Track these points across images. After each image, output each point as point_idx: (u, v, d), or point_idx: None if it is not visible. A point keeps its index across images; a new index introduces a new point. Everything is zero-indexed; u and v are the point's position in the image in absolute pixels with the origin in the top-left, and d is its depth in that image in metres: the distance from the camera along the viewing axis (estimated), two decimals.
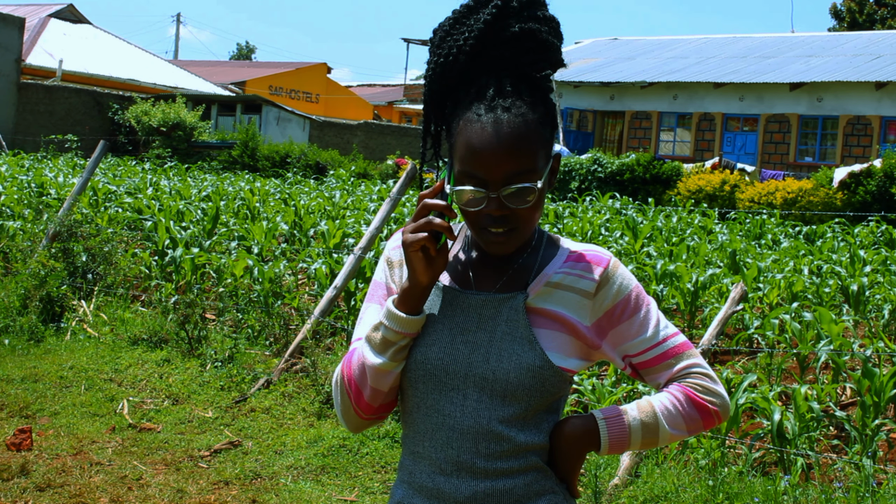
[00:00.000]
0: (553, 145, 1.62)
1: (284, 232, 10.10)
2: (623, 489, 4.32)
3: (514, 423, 1.57)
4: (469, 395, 1.58)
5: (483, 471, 1.57)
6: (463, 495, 1.57)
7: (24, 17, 25.82)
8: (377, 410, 1.66)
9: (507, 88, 1.56)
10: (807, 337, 5.99)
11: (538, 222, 1.63)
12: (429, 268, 1.56)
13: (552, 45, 1.61)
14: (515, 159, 1.52)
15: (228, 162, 22.48)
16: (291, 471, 4.67)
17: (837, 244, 10.91)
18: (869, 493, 4.13)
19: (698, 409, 1.61)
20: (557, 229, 11.17)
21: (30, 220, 9.36)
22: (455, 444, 1.58)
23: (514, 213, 1.55)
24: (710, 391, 1.62)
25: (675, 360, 1.62)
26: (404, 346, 1.60)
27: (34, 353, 6.46)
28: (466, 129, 1.55)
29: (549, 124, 1.59)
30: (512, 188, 1.52)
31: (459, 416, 1.58)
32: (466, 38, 1.57)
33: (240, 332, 6.85)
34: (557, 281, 1.61)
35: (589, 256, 1.63)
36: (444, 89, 1.61)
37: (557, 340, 1.59)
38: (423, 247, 1.54)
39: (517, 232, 1.57)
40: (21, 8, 31.00)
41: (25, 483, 4.31)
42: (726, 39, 31.08)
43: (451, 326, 1.61)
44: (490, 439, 1.57)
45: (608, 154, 20.25)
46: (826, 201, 16.04)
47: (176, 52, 60.37)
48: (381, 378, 1.61)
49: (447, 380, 1.59)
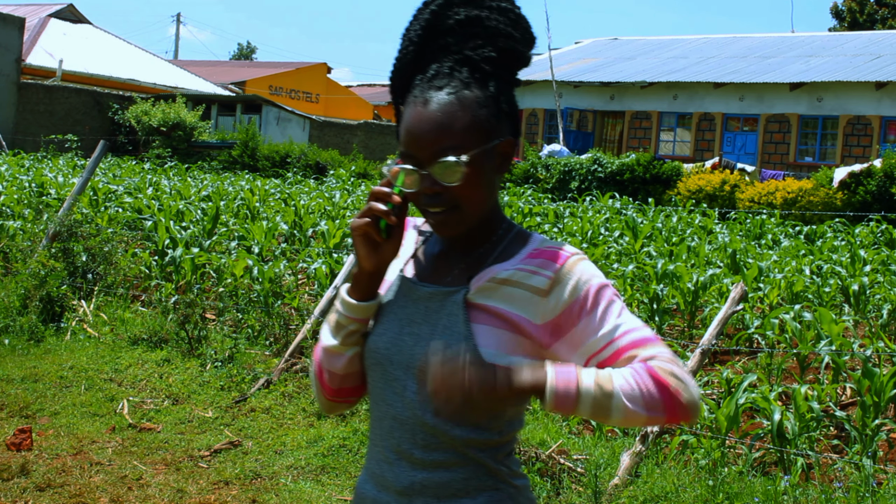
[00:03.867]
0: (498, 128, 1.58)
1: (284, 232, 10.10)
2: (623, 489, 4.32)
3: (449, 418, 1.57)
4: (409, 386, 1.59)
5: (420, 461, 1.58)
6: (402, 484, 1.59)
7: (24, 17, 25.83)
8: (339, 393, 1.70)
9: (444, 70, 1.58)
10: (807, 337, 5.99)
11: (488, 205, 1.59)
12: (372, 253, 1.58)
13: (502, 32, 1.61)
14: (441, 134, 1.53)
15: (228, 162, 22.48)
16: (291, 471, 4.67)
17: (838, 244, 10.91)
18: (869, 493, 4.13)
19: (659, 388, 1.46)
20: (558, 229, 11.17)
21: (30, 220, 9.36)
22: (396, 434, 1.60)
23: (449, 191, 1.54)
24: (675, 376, 1.48)
25: (637, 351, 1.51)
26: (355, 331, 1.63)
27: (34, 353, 6.46)
28: (405, 112, 1.59)
29: (490, 106, 1.57)
30: (437, 163, 1.53)
31: (400, 407, 1.60)
32: (416, 30, 1.62)
33: (240, 332, 6.85)
34: (505, 277, 1.57)
35: (548, 253, 1.57)
36: (403, 82, 1.64)
37: (497, 338, 1.55)
38: (366, 232, 1.56)
39: (459, 212, 1.56)
40: (21, 8, 31.00)
41: (25, 483, 4.31)
42: (726, 39, 31.08)
43: (401, 317, 1.62)
44: (426, 431, 1.57)
45: (608, 154, 20.25)
46: (826, 201, 16.03)
47: (176, 52, 60.41)
48: (333, 360, 1.66)
49: (391, 370, 1.61)
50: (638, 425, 1.60)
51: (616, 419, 1.48)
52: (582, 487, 4.41)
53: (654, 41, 32.53)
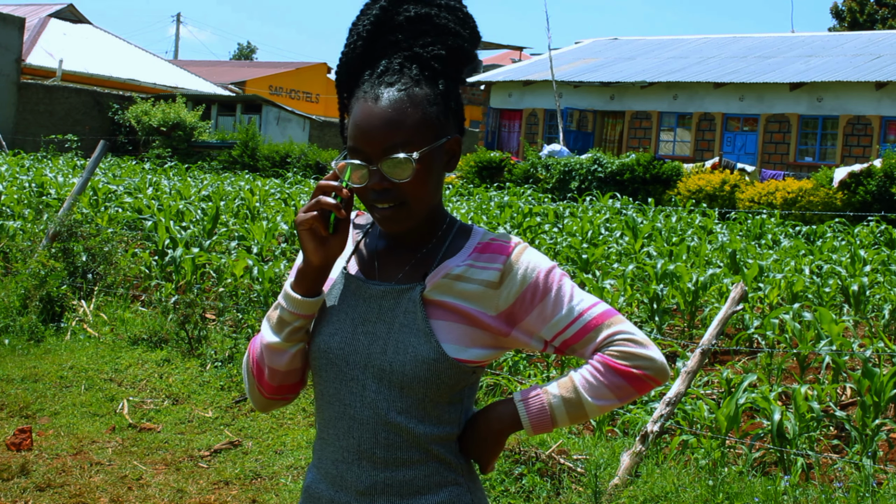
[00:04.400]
0: (446, 125, 1.60)
1: (284, 232, 10.10)
2: (623, 489, 4.32)
3: (412, 414, 1.57)
4: (368, 385, 1.58)
5: (382, 460, 1.58)
6: (363, 484, 1.59)
7: (24, 17, 25.83)
8: (278, 390, 1.68)
9: (394, 67, 1.58)
10: (807, 337, 5.99)
11: (434, 202, 1.61)
12: (319, 248, 1.57)
13: (451, 31, 1.61)
14: (392, 130, 1.53)
15: (228, 162, 22.48)
16: (291, 471, 4.67)
17: (838, 244, 10.91)
18: (869, 493, 4.13)
19: (622, 376, 1.57)
20: (558, 229, 11.17)
21: (30, 220, 9.36)
22: (356, 434, 1.60)
23: (398, 187, 1.54)
24: (633, 356, 1.57)
25: (596, 332, 1.58)
26: (300, 328, 1.61)
27: (34, 353, 6.46)
28: (353, 108, 1.59)
29: (439, 103, 1.58)
30: (387, 159, 1.53)
31: (359, 407, 1.59)
32: (365, 25, 1.62)
33: (240, 332, 6.85)
34: (459, 273, 1.59)
35: (494, 246, 1.60)
36: (350, 76, 1.64)
37: (456, 332, 1.57)
38: (313, 227, 1.55)
39: (406, 208, 1.56)
40: (21, 8, 31.00)
41: (25, 483, 4.31)
42: (726, 39, 31.07)
43: (354, 316, 1.62)
44: (388, 430, 1.57)
45: (608, 154, 20.25)
46: (826, 201, 16.03)
47: (176, 52, 60.40)
48: (276, 357, 1.64)
49: (347, 370, 1.60)
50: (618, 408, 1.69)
51: (595, 415, 1.61)
52: (582, 487, 4.41)
53: (654, 41, 32.52)
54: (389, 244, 1.67)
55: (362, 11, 1.64)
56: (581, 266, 8.86)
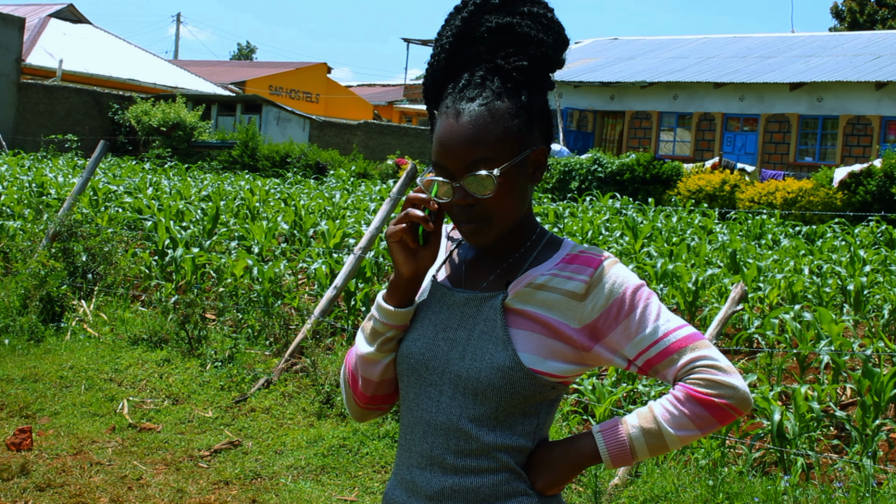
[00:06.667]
0: (530, 137, 1.58)
1: (284, 232, 10.10)
2: (623, 489, 4.32)
3: (484, 423, 1.57)
4: (444, 391, 1.59)
5: (452, 467, 1.58)
6: (432, 489, 1.59)
7: (24, 17, 25.81)
8: (372, 400, 1.70)
9: (475, 80, 1.57)
10: (807, 337, 5.99)
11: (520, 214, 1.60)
12: (410, 260, 1.58)
13: (533, 39, 1.59)
14: (473, 147, 1.53)
15: (228, 162, 22.47)
16: (291, 471, 4.67)
17: (837, 244, 10.91)
18: (869, 493, 4.13)
19: (704, 406, 1.54)
20: (558, 229, 11.17)
21: (30, 220, 9.36)
22: (429, 439, 1.60)
23: (481, 203, 1.54)
24: (715, 384, 1.53)
25: (679, 354, 1.55)
26: (392, 338, 1.63)
27: (34, 353, 6.46)
28: (437, 123, 1.58)
29: (522, 116, 1.57)
30: (469, 176, 1.53)
31: (434, 412, 1.60)
32: (447, 37, 1.61)
33: (240, 332, 6.85)
34: (542, 282, 1.58)
35: (582, 258, 1.59)
36: (436, 89, 1.64)
37: (535, 343, 1.57)
38: (403, 239, 1.56)
39: (490, 223, 1.56)
40: (21, 8, 31.00)
41: (25, 483, 4.31)
42: (726, 39, 31.08)
43: (436, 323, 1.62)
44: (459, 436, 1.57)
45: (608, 154, 20.24)
46: (826, 201, 16.03)
47: (176, 52, 60.36)
48: (369, 367, 1.65)
49: (426, 375, 1.61)
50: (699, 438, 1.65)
51: (676, 447, 1.58)
52: (582, 487, 4.41)
53: (654, 41, 32.52)
54: (478, 254, 1.68)
55: (446, 22, 1.63)
56: None
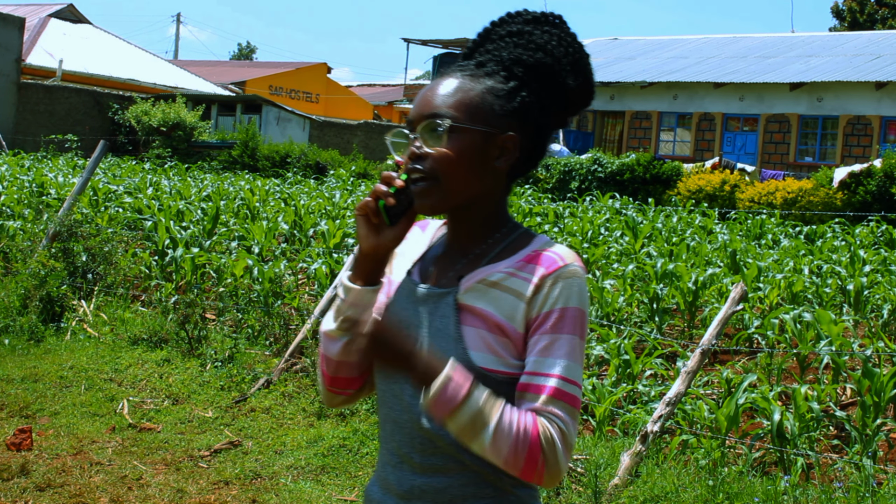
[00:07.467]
0: (504, 122, 1.56)
1: (284, 232, 10.10)
2: (623, 489, 4.32)
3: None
4: (406, 389, 1.57)
5: (419, 466, 1.57)
6: (403, 488, 1.59)
7: (24, 17, 25.81)
8: (334, 382, 1.66)
9: (477, 62, 1.61)
10: (807, 337, 5.99)
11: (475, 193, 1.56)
12: (371, 235, 1.56)
13: (543, 47, 1.60)
14: (438, 100, 1.56)
15: (228, 162, 22.46)
16: (291, 471, 4.67)
17: (837, 244, 10.91)
18: (869, 493, 4.13)
19: (529, 449, 1.45)
20: (558, 229, 11.16)
21: (30, 220, 9.36)
22: (396, 437, 1.60)
23: (431, 158, 1.54)
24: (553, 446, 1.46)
25: (549, 400, 1.48)
26: (352, 317, 1.59)
27: (34, 353, 6.46)
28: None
29: (504, 101, 1.57)
30: (423, 123, 1.55)
31: (399, 410, 1.59)
32: (473, 39, 1.67)
33: (240, 332, 6.85)
34: (496, 280, 1.54)
35: (542, 258, 1.53)
36: None
37: (485, 341, 1.53)
38: (366, 213, 1.55)
39: (439, 186, 1.54)
40: (21, 8, 30.99)
41: (25, 483, 4.31)
42: (726, 39, 31.07)
43: (402, 319, 1.61)
44: (423, 435, 1.56)
45: (608, 154, 20.24)
46: (826, 201, 16.03)
47: (176, 52, 60.35)
48: (329, 344, 1.63)
49: (391, 372, 1.59)
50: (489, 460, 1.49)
51: (477, 447, 1.47)
52: (582, 487, 4.41)
53: (654, 41, 32.52)
54: (447, 249, 1.66)
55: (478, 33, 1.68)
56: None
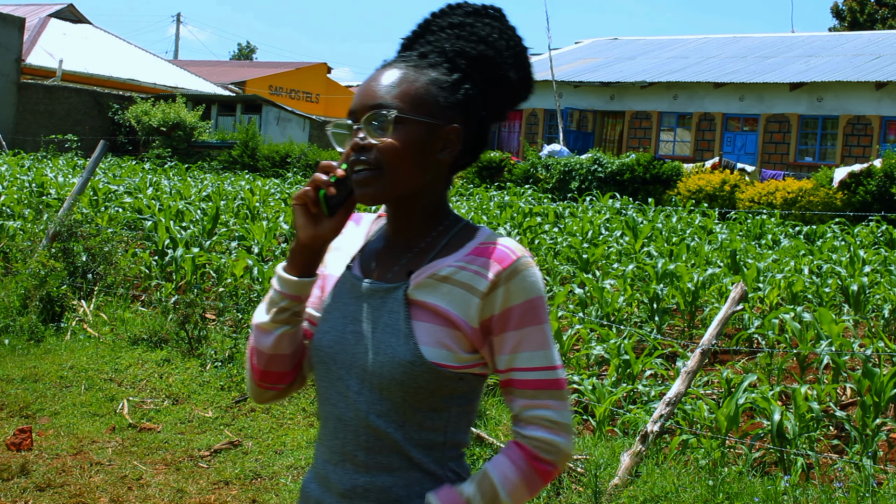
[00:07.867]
0: (448, 114, 1.56)
1: (285, 232, 10.10)
2: (623, 489, 4.32)
3: (391, 418, 1.53)
4: (351, 385, 1.55)
5: (364, 464, 1.55)
6: (344, 486, 1.56)
7: (24, 17, 25.82)
8: (265, 377, 1.64)
9: (420, 53, 1.60)
10: (807, 337, 5.99)
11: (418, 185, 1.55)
12: (308, 224, 1.55)
13: (485, 39, 1.60)
14: (381, 91, 1.54)
15: (228, 162, 22.47)
16: (291, 471, 4.67)
17: (837, 244, 10.91)
18: (869, 493, 4.13)
19: (539, 473, 1.53)
20: (558, 229, 11.17)
21: (30, 220, 9.36)
22: (340, 435, 1.57)
23: (375, 148, 1.52)
24: (552, 448, 1.53)
25: (535, 394, 1.53)
26: (286, 308, 1.58)
27: (34, 353, 6.46)
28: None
29: (448, 93, 1.56)
30: (367, 114, 1.53)
31: (343, 407, 1.57)
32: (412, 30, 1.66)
33: (240, 332, 6.85)
34: (446, 275, 1.53)
35: (493, 252, 1.52)
36: None
37: (437, 335, 1.51)
38: (305, 203, 1.54)
39: (382, 175, 1.52)
40: (21, 8, 30.99)
41: (25, 483, 4.31)
42: (726, 39, 31.08)
43: (345, 315, 1.59)
44: (369, 432, 1.54)
45: (608, 154, 20.24)
46: (826, 201, 16.03)
47: (176, 52, 60.37)
48: (262, 336, 1.61)
49: (335, 368, 1.58)
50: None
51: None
52: (582, 487, 4.41)
53: (654, 41, 32.52)
54: (388, 242, 1.64)
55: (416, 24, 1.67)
56: (581, 266, 8.86)
